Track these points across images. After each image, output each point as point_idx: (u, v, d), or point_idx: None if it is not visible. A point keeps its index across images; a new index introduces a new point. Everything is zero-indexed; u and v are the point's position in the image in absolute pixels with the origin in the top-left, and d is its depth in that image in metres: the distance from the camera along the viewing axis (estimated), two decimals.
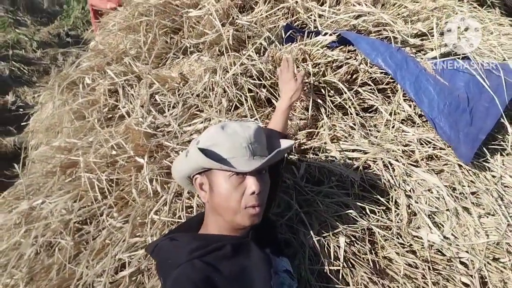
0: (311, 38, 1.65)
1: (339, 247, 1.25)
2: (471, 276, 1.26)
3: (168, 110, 1.70)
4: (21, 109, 4.43)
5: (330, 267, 1.21)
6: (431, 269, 1.26)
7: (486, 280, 1.27)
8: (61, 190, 1.60)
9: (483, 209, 1.39)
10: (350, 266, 1.24)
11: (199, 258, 0.84)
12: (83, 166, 1.58)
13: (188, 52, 1.94)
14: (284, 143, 1.05)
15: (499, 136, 1.54)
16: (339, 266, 1.22)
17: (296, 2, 1.84)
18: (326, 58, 1.61)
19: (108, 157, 1.59)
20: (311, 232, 1.27)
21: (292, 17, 1.85)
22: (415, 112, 1.59)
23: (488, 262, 1.28)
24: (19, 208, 1.64)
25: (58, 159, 1.74)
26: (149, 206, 1.43)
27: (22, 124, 2.84)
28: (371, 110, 1.69)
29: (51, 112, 2.28)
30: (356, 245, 1.29)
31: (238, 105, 1.64)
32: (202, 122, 1.62)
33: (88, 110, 1.89)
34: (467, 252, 1.29)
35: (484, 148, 1.50)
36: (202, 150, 0.90)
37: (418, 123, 1.59)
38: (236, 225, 0.94)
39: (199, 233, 1.00)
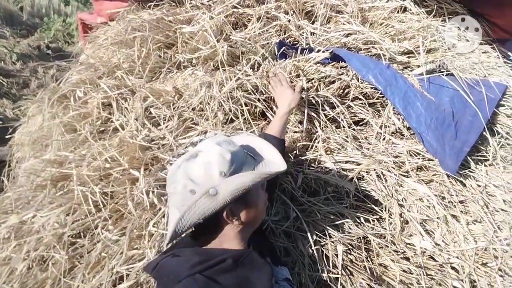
0: (304, 55, 1.71)
1: (337, 255, 1.29)
2: (462, 280, 1.32)
3: (164, 123, 1.70)
4: (0, 122, 4.30)
5: (329, 275, 1.25)
6: (425, 274, 1.32)
7: (475, 284, 1.33)
8: (53, 204, 1.57)
9: (471, 216, 1.46)
10: (348, 273, 1.28)
11: (200, 272, 0.85)
12: (76, 179, 1.55)
13: (182, 67, 1.95)
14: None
15: (482, 148, 1.63)
16: (338, 273, 1.26)
17: (289, 20, 1.90)
18: (319, 74, 1.67)
19: (101, 170, 1.58)
20: (310, 240, 1.31)
21: (285, 34, 1.90)
22: (403, 125, 1.66)
23: (477, 267, 1.35)
24: (8, 222, 1.59)
25: (49, 172, 1.70)
26: (145, 219, 1.43)
27: (6, 137, 2.74)
28: (362, 123, 1.74)
29: (40, 125, 2.23)
30: (353, 253, 1.33)
31: (233, 118, 1.66)
32: (198, 135, 1.63)
33: (80, 123, 1.86)
34: (457, 257, 1.35)
35: (469, 159, 1.58)
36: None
37: (406, 136, 1.66)
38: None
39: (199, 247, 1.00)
